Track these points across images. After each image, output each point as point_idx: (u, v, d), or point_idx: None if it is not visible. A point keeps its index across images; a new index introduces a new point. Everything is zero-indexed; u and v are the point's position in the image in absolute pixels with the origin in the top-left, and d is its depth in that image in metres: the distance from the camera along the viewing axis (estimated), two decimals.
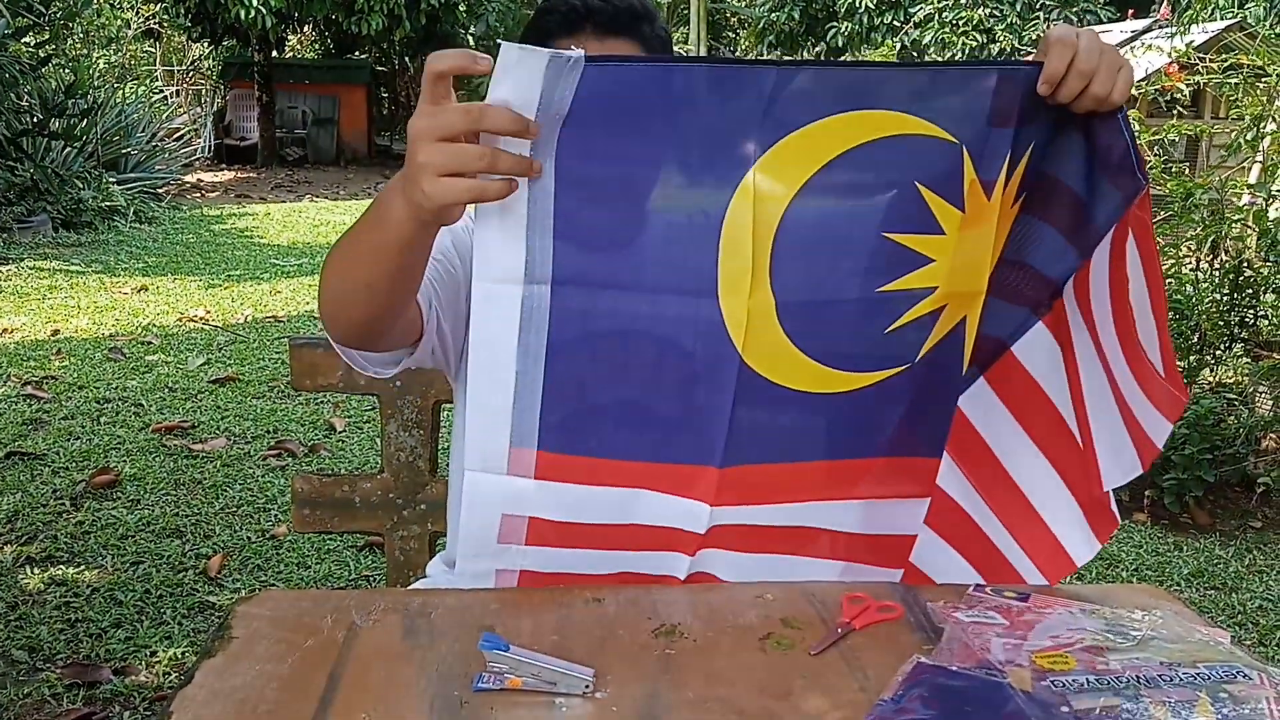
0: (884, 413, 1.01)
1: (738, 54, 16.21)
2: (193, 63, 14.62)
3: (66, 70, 8.14)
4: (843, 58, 15.10)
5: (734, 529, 1.03)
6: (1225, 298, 3.34)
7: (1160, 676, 0.84)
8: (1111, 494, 1.07)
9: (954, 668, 0.85)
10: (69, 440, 3.42)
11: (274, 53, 13.93)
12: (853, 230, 0.94)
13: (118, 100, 9.42)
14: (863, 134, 0.90)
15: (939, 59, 12.10)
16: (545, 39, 1.12)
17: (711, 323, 0.93)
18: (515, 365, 0.93)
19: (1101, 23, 11.65)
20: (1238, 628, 2.51)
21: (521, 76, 0.83)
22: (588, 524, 0.99)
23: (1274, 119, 3.35)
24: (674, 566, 1.04)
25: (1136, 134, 0.96)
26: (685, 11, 14.15)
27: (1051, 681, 0.83)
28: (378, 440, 3.32)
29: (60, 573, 2.52)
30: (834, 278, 0.95)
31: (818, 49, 14.91)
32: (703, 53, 13.60)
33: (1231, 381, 3.48)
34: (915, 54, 13.04)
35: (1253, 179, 3.43)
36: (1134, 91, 3.89)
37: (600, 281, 0.93)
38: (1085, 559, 1.08)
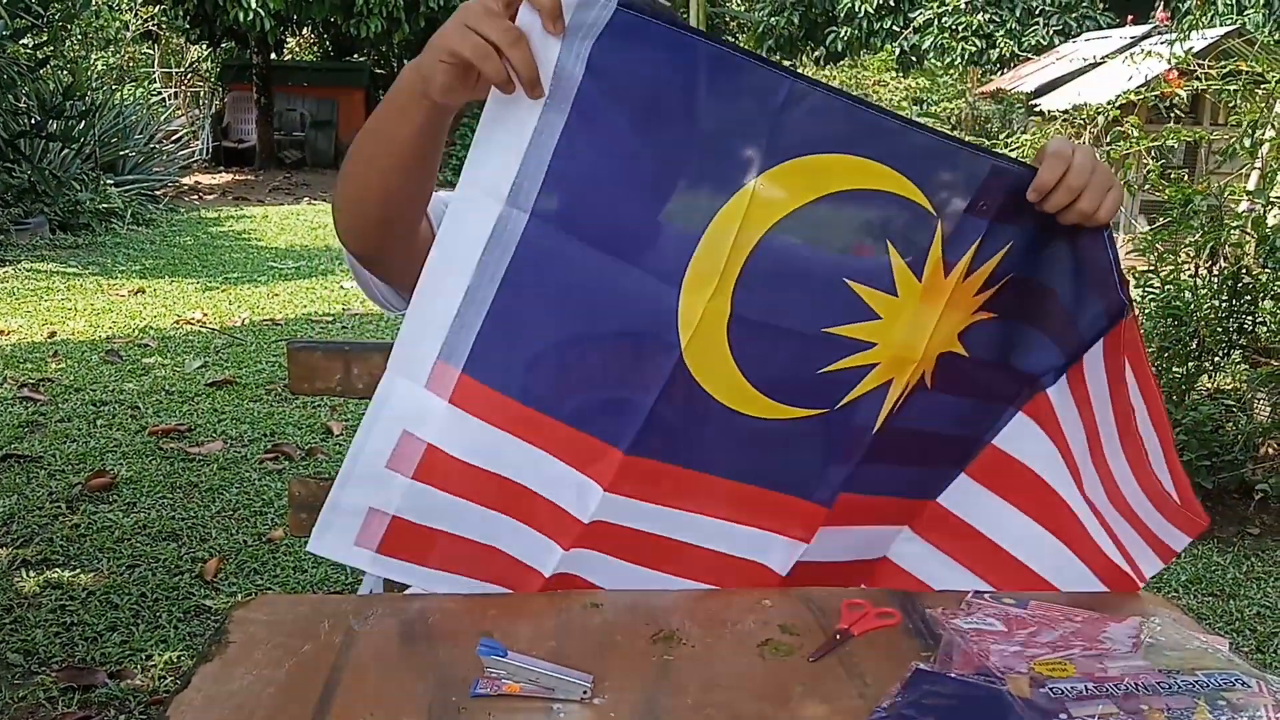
0: (790, 448, 1.02)
1: None
2: (191, 65, 14.61)
3: (64, 72, 8.13)
4: (842, 63, 15.13)
5: (615, 529, 1.01)
6: (1224, 304, 3.35)
7: (1159, 684, 0.84)
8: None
9: (952, 675, 0.85)
10: (65, 443, 3.41)
11: (273, 55, 13.93)
12: (821, 268, 0.97)
13: (116, 102, 9.41)
14: (859, 180, 0.93)
15: (938, 64, 12.11)
16: None
17: (666, 311, 0.94)
18: (469, 279, 0.92)
19: (1101, 28, 11.67)
20: (1236, 635, 2.51)
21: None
22: (482, 469, 0.97)
23: (1272, 125, 3.36)
24: (543, 559, 1.02)
25: (1115, 250, 1.00)
26: (684, 15, 14.16)
27: (1050, 689, 0.83)
28: None
29: (56, 576, 2.51)
30: (790, 306, 0.97)
31: (817, 53, 14.93)
32: None
33: (1230, 388, 3.49)
34: (915, 59, 13.06)
35: (1251, 185, 3.43)
36: (1132, 97, 3.92)
37: (578, 230, 0.92)
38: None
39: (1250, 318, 3.40)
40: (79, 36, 9.13)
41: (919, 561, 1.13)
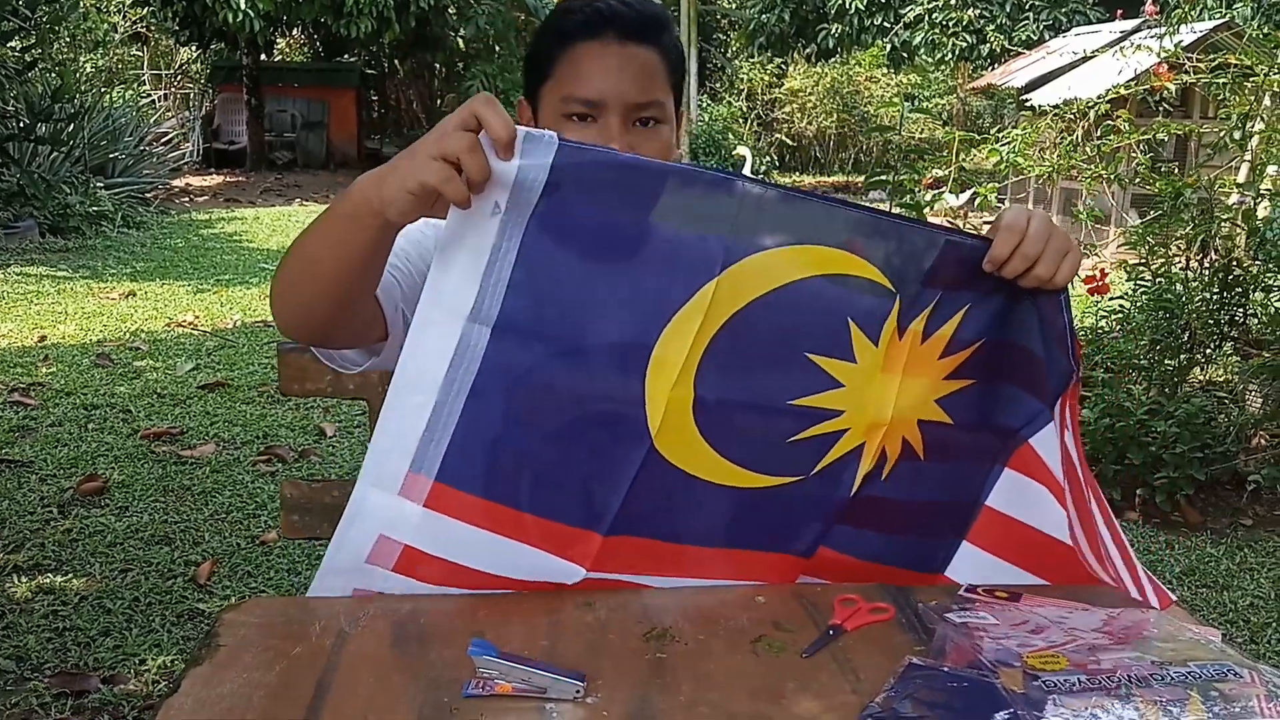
0: (772, 512, 1.05)
1: (729, 55, 16.19)
2: (180, 66, 14.56)
3: (53, 75, 8.10)
4: (833, 60, 15.13)
5: (609, 583, 1.04)
6: (1215, 296, 3.36)
7: (1151, 675, 0.84)
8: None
9: (945, 668, 0.85)
10: (56, 447, 3.40)
11: (262, 56, 13.89)
12: (781, 346, 1.00)
13: (105, 105, 9.38)
14: (817, 268, 0.97)
15: (929, 60, 12.13)
16: (565, 40, 1.13)
17: (633, 403, 0.97)
18: (436, 395, 0.94)
19: (1090, 23, 11.69)
20: (1229, 625, 2.52)
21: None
22: (461, 565, 1.00)
23: (1262, 118, 3.37)
24: None
25: (1069, 313, 1.02)
26: (675, 13, 14.15)
27: (1043, 681, 0.82)
28: (368, 445, 3.30)
29: (48, 581, 2.50)
30: (753, 384, 1.00)
31: (808, 50, 14.93)
32: (693, 57, 13.61)
33: (1222, 380, 3.50)
34: (905, 55, 13.07)
35: (1241, 178, 3.44)
36: (1122, 91, 3.93)
37: (542, 339, 0.95)
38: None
39: (1241, 309, 3.41)
40: (67, 39, 9.11)
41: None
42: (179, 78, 14.44)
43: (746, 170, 11.15)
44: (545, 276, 0.93)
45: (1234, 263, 3.31)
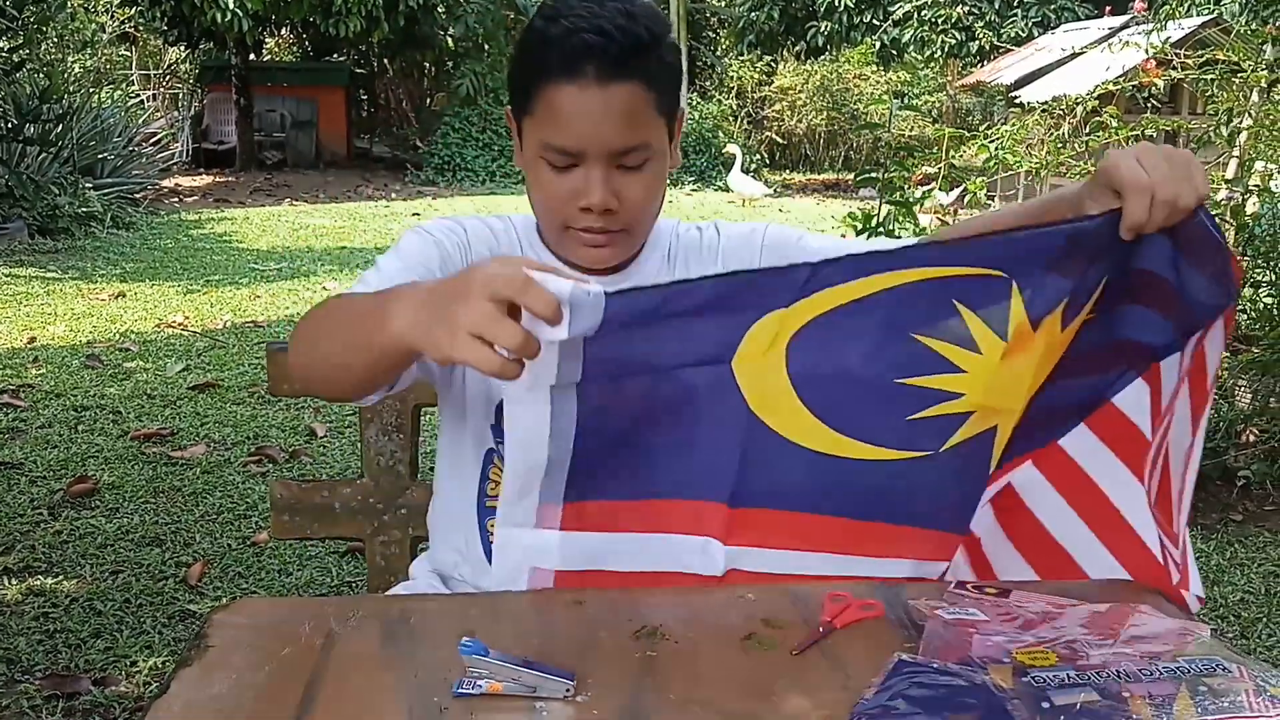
0: (905, 488, 1.04)
1: (718, 53, 16.17)
2: (169, 66, 14.50)
3: (41, 75, 8.05)
4: (822, 57, 15.15)
5: (751, 575, 1.04)
6: None
7: (1141, 671, 0.84)
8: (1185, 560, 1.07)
9: (935, 665, 0.85)
10: (46, 449, 3.39)
11: (251, 56, 13.84)
12: (878, 331, 0.97)
13: (93, 105, 9.33)
14: (902, 280, 0.95)
15: (918, 57, 12.15)
16: (540, 76, 1.06)
17: (723, 380, 0.97)
18: (548, 452, 0.96)
19: (1079, 19, 11.72)
20: (1220, 620, 2.53)
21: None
22: (609, 571, 1.02)
23: (1250, 114, 3.38)
24: None
25: (1216, 228, 0.95)
26: (664, 9, 14.15)
27: (1033, 677, 0.83)
28: (359, 445, 3.30)
29: (38, 583, 2.49)
30: (850, 362, 0.98)
31: (798, 48, 14.94)
32: (682, 55, 13.60)
33: None
34: (895, 53, 13.09)
35: (1230, 174, 3.45)
36: (1111, 87, 3.94)
37: (628, 375, 0.95)
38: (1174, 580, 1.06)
39: None
40: (55, 39, 9.04)
41: (989, 537, 1.13)
42: (167, 78, 14.38)
43: (737, 167, 11.14)
44: (620, 340, 0.91)
45: None
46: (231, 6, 11.02)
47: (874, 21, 13.27)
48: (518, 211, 1.25)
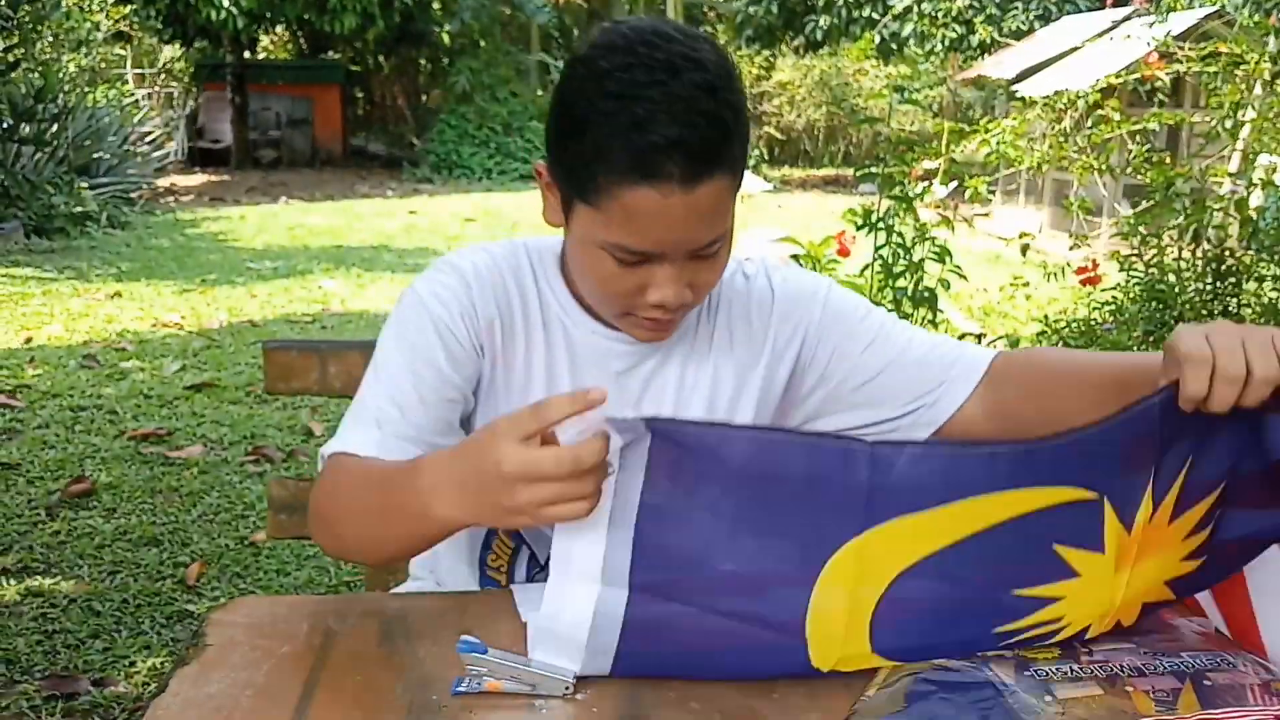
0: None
1: None
2: (164, 65, 14.48)
3: (36, 74, 8.03)
4: (821, 51, 15.13)
5: None
6: (1208, 286, 3.35)
7: (1144, 665, 0.83)
8: None
9: (937, 660, 0.84)
10: (43, 449, 3.38)
11: (246, 54, 13.83)
12: (973, 593, 0.85)
13: (89, 104, 9.30)
14: (986, 519, 0.82)
15: (919, 51, 12.12)
16: (612, 172, 0.90)
17: (795, 658, 0.85)
18: (580, 664, 0.84)
19: (1081, 12, 11.71)
20: None
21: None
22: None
23: (1253, 106, 3.37)
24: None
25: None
26: (662, 6, 14.13)
27: (1035, 671, 0.82)
28: None
29: (36, 584, 2.49)
30: (945, 630, 0.86)
31: (796, 42, 14.92)
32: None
33: None
34: (895, 47, 13.07)
35: (1233, 167, 3.45)
36: (1113, 80, 3.93)
37: (680, 597, 0.84)
38: None
39: (1235, 299, 3.41)
40: (50, 38, 9.01)
41: None
42: (163, 76, 14.36)
43: None
44: (672, 540, 0.82)
45: (1227, 252, 3.31)
46: (226, 4, 11.02)
47: (873, 15, 13.26)
48: (518, 210, 1.16)
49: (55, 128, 7.85)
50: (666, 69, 0.87)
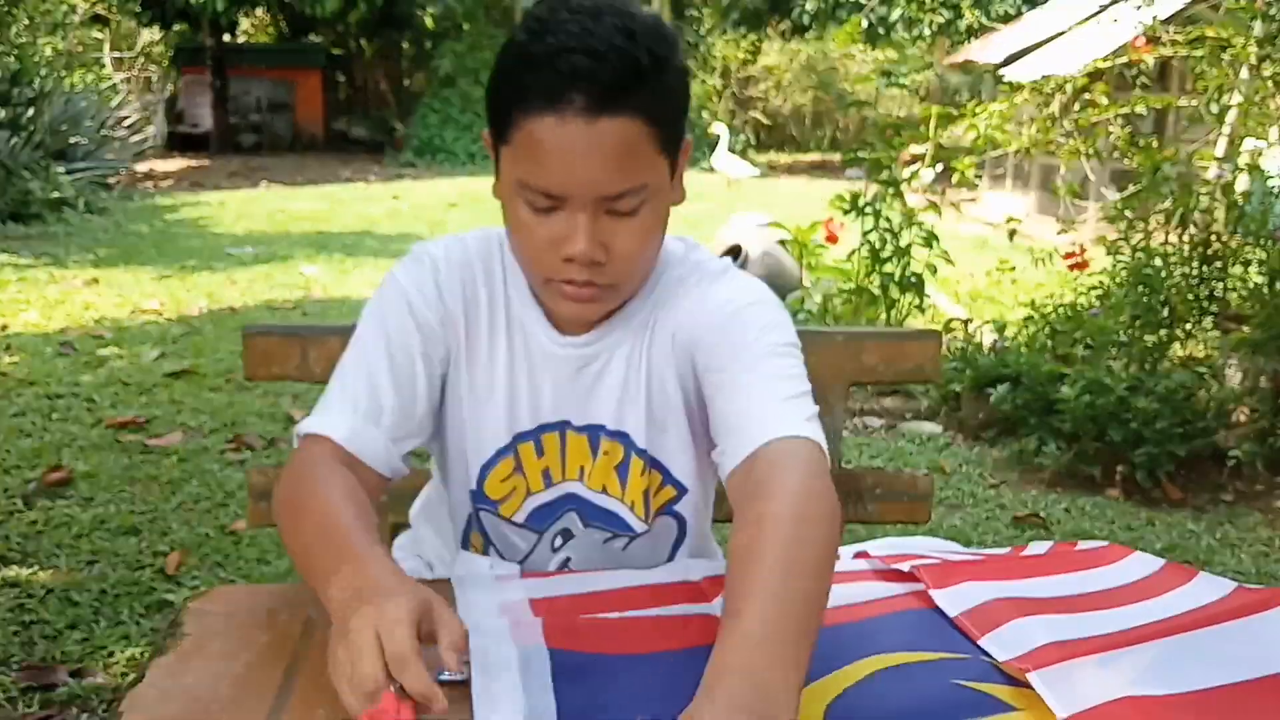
0: None
1: (701, 32, 16.04)
2: (143, 49, 14.30)
3: (11, 58, 7.93)
4: (808, 35, 15.09)
5: None
6: (1194, 271, 3.36)
7: None
8: None
9: None
10: (19, 438, 3.32)
11: (226, 37, 13.68)
12: (917, 689, 0.81)
13: (65, 88, 9.19)
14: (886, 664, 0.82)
15: (906, 35, 12.11)
16: (519, 102, 0.90)
17: None
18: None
19: None
20: None
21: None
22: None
23: (1239, 90, 3.37)
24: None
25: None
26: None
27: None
28: None
29: (13, 574, 2.44)
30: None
31: (783, 26, 14.88)
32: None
33: (1202, 355, 3.50)
34: (882, 31, 13.05)
35: (1220, 151, 3.45)
36: (1101, 65, 3.92)
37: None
38: None
39: (1221, 284, 3.41)
40: (25, 21, 8.88)
41: None
42: (141, 60, 14.18)
43: (722, 148, 11.09)
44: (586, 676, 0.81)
45: (1213, 236, 3.31)
46: None
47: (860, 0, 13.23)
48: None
49: (31, 112, 7.75)
50: (591, 14, 0.89)
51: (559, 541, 1.09)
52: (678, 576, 0.99)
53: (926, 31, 12.17)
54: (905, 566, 0.99)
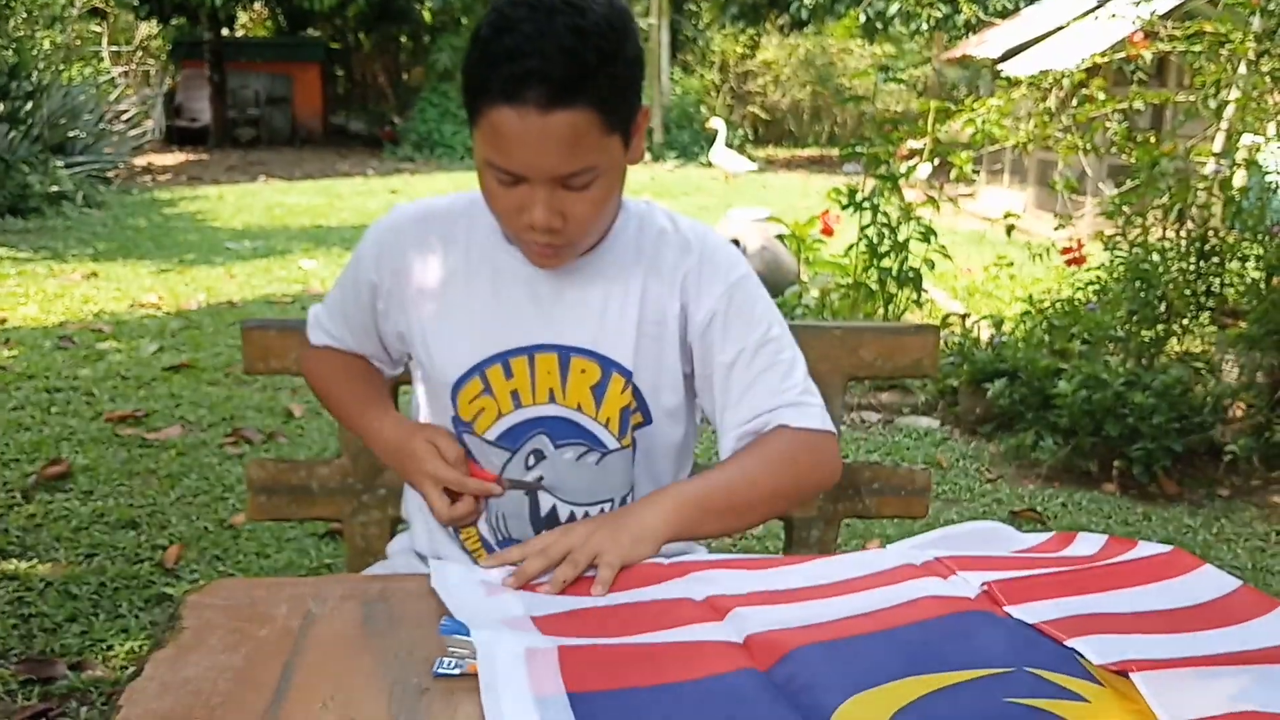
0: None
1: (700, 27, 16.02)
2: (141, 43, 14.25)
3: (9, 51, 7.90)
4: (806, 30, 15.06)
5: None
6: (1191, 266, 3.36)
7: None
8: None
9: None
10: (19, 431, 3.32)
11: (224, 31, 13.64)
12: (966, 710, 0.78)
13: (64, 82, 9.16)
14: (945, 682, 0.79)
15: (904, 30, 12.09)
16: (483, 95, 1.01)
17: None
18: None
19: None
20: None
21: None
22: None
23: (1237, 86, 3.37)
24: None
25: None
26: None
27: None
28: (336, 425, 3.24)
29: (12, 567, 2.44)
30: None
31: (781, 21, 14.85)
32: (664, 28, 13.49)
33: (1199, 350, 3.51)
34: (880, 25, 13.03)
35: (1217, 147, 3.45)
36: (1099, 60, 3.92)
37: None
38: None
39: (1218, 279, 3.42)
40: (23, 15, 8.86)
41: None
42: (139, 54, 14.14)
43: (720, 142, 11.08)
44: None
45: (1211, 232, 3.31)
46: None
47: None
48: None
49: (30, 106, 7.73)
50: (546, 11, 0.99)
51: (532, 460, 1.16)
52: (679, 593, 0.94)
53: (924, 26, 12.14)
54: (977, 585, 0.95)
